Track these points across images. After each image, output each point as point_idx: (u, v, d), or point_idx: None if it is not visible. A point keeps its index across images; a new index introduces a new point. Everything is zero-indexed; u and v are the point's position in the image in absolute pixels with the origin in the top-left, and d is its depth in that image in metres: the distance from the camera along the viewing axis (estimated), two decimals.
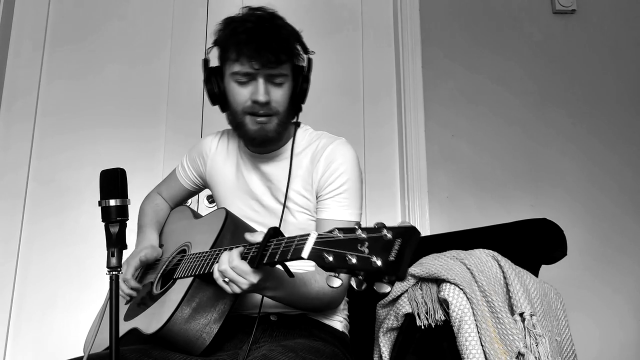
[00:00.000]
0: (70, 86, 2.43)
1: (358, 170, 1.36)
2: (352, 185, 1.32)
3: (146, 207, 1.58)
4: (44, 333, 2.21)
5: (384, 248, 0.79)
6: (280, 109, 1.30)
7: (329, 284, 0.84)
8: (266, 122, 1.29)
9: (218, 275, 1.07)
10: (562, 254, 1.54)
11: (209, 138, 1.53)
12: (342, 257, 0.82)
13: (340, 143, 1.36)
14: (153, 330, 1.16)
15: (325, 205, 1.32)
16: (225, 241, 1.22)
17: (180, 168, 1.58)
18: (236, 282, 1.05)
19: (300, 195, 1.35)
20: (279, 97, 1.30)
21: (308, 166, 1.36)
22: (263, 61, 1.24)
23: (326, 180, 1.32)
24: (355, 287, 0.81)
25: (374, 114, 2.48)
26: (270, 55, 1.23)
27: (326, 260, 0.84)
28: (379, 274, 0.78)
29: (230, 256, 1.06)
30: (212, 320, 1.17)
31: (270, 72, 1.26)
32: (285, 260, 0.96)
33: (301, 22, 1.41)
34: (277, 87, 1.29)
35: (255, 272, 1.05)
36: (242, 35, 1.24)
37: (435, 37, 2.48)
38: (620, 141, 2.43)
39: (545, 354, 1.23)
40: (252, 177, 1.41)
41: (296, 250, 0.92)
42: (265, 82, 1.27)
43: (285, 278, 1.13)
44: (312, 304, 1.28)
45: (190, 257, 1.24)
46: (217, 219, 1.30)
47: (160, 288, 1.31)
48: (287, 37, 1.27)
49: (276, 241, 1.00)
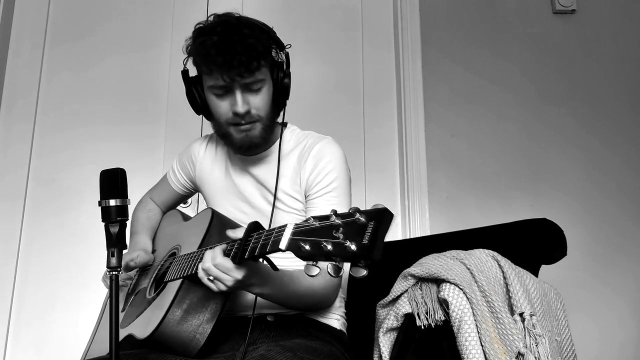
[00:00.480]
0: (71, 85, 2.43)
1: (346, 168, 1.36)
2: (340, 183, 1.32)
3: (139, 214, 1.59)
4: (44, 333, 2.20)
5: (358, 232, 0.79)
6: (262, 114, 1.30)
7: (306, 272, 0.84)
8: (250, 129, 1.30)
9: (202, 274, 1.07)
10: (562, 254, 1.54)
11: (197, 142, 1.54)
12: (318, 244, 0.81)
13: (327, 142, 1.37)
14: (146, 334, 1.16)
15: (314, 205, 1.32)
16: (212, 240, 1.22)
17: (171, 173, 1.59)
18: (220, 279, 1.05)
19: (288, 195, 1.35)
20: (259, 102, 1.29)
21: (296, 166, 1.36)
22: (235, 74, 1.23)
23: (314, 179, 1.32)
24: (332, 274, 0.81)
25: (374, 115, 2.48)
26: (241, 67, 1.22)
27: (303, 250, 0.83)
28: (354, 258, 0.78)
29: (212, 254, 1.06)
30: (204, 320, 1.17)
31: (245, 81, 1.26)
32: (265, 253, 0.95)
33: (301, 22, 1.41)
34: (255, 94, 1.29)
35: (238, 268, 1.05)
36: (211, 49, 1.22)
37: (435, 38, 2.48)
38: (620, 141, 2.43)
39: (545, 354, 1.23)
40: (241, 179, 1.42)
41: (274, 242, 0.92)
42: (242, 91, 1.27)
43: (271, 274, 1.13)
44: (303, 302, 1.28)
45: (179, 259, 1.25)
46: (204, 219, 1.30)
47: (153, 292, 1.32)
48: (254, 45, 1.24)
49: (256, 235, 1.00)
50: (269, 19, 1.40)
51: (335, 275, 0.81)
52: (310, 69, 2.42)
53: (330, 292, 1.32)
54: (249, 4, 2.45)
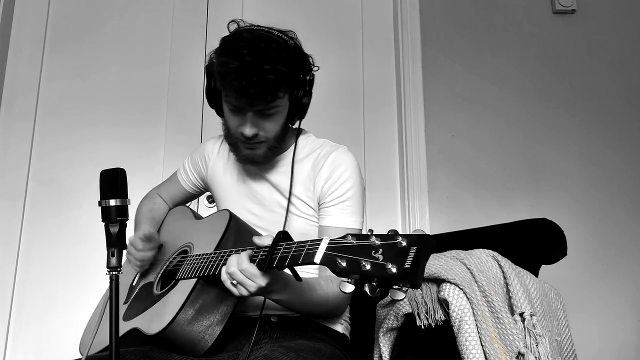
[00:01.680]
0: (71, 85, 2.43)
1: (360, 178, 1.36)
2: (355, 192, 1.33)
3: (143, 206, 1.58)
4: (44, 333, 2.20)
5: (399, 255, 0.79)
6: (270, 136, 1.30)
7: (341, 289, 0.84)
8: (255, 147, 1.31)
9: (226, 277, 1.07)
10: (562, 254, 1.54)
11: (211, 141, 1.54)
12: (357, 263, 0.82)
13: (342, 151, 1.37)
14: (155, 331, 1.15)
15: (328, 212, 1.32)
16: (229, 243, 1.22)
17: (182, 170, 1.59)
18: (244, 284, 1.06)
19: (301, 200, 1.36)
20: (269, 127, 1.29)
21: (309, 173, 1.36)
22: (246, 102, 1.23)
23: (329, 188, 1.33)
24: (369, 293, 0.81)
25: (374, 115, 2.48)
26: (255, 98, 1.22)
27: (339, 266, 0.84)
28: (394, 280, 0.79)
29: (239, 259, 1.06)
30: (214, 322, 1.17)
31: (257, 108, 1.25)
32: (296, 264, 0.96)
33: (301, 22, 1.41)
34: (267, 118, 1.28)
35: (264, 275, 1.05)
36: (231, 72, 1.21)
37: (435, 38, 2.48)
38: (620, 141, 2.43)
39: (545, 354, 1.23)
40: (253, 181, 1.42)
41: (308, 254, 0.93)
42: (254, 115, 1.26)
43: (291, 282, 1.13)
44: (316, 310, 1.28)
45: (194, 258, 1.24)
46: (221, 220, 1.29)
47: (160, 289, 1.31)
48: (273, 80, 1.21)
49: (286, 245, 1.01)
50: (268, 19, 1.39)
51: (371, 295, 0.81)
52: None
53: (342, 302, 1.33)
54: (248, 5, 2.46)
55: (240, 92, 1.21)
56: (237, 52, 1.21)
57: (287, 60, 1.24)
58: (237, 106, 1.26)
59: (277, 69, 1.21)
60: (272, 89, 1.21)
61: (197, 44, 2.45)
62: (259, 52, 1.21)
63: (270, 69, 1.20)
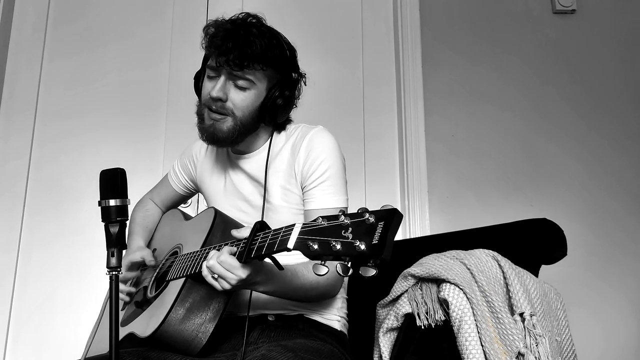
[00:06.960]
0: (71, 86, 2.43)
1: (339, 155, 1.35)
2: (334, 171, 1.32)
3: (135, 215, 1.59)
4: (44, 333, 2.20)
5: (367, 232, 0.79)
6: (237, 112, 1.30)
7: (315, 272, 0.85)
8: (219, 119, 1.30)
9: (207, 271, 1.08)
10: (562, 254, 1.54)
11: (198, 143, 1.54)
12: (327, 244, 0.82)
13: (317, 131, 1.36)
14: (148, 333, 1.16)
15: (311, 196, 1.32)
16: (215, 240, 1.22)
17: (172, 173, 1.60)
18: (224, 277, 1.06)
19: (285, 189, 1.34)
20: (238, 100, 1.29)
21: (290, 159, 1.35)
22: (225, 61, 1.25)
23: (308, 169, 1.32)
24: (341, 273, 0.81)
25: (374, 115, 2.48)
26: (235, 59, 1.24)
27: (311, 249, 0.84)
28: (364, 257, 0.79)
29: (218, 252, 1.07)
30: (207, 319, 1.17)
31: (232, 72, 1.26)
32: (272, 252, 0.96)
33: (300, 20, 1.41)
34: (238, 90, 1.29)
35: (243, 267, 1.05)
36: (219, 32, 1.27)
37: (435, 36, 2.48)
38: (621, 140, 2.43)
39: (545, 354, 1.23)
40: (239, 178, 1.42)
41: (282, 241, 0.93)
42: (226, 80, 1.28)
43: (275, 271, 1.13)
44: (311, 294, 1.27)
45: (182, 258, 1.25)
46: (207, 218, 1.30)
47: (154, 291, 1.32)
48: (256, 46, 1.25)
49: (263, 234, 1.01)
50: (267, 20, 1.40)
51: (344, 274, 0.81)
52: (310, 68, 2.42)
53: (335, 281, 1.31)
54: (248, 5, 2.45)
55: (221, 49, 1.24)
56: (233, 20, 1.29)
57: (275, 45, 1.30)
58: (215, 68, 1.28)
59: (263, 41, 1.26)
60: (253, 56, 1.25)
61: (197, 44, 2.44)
62: (251, 25, 1.29)
63: (256, 40, 1.26)
